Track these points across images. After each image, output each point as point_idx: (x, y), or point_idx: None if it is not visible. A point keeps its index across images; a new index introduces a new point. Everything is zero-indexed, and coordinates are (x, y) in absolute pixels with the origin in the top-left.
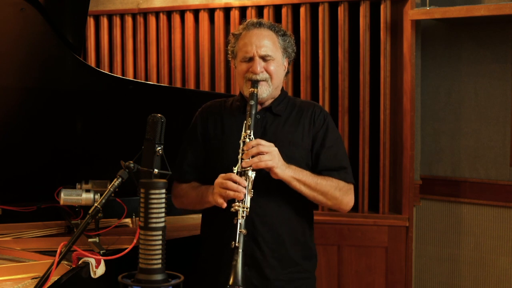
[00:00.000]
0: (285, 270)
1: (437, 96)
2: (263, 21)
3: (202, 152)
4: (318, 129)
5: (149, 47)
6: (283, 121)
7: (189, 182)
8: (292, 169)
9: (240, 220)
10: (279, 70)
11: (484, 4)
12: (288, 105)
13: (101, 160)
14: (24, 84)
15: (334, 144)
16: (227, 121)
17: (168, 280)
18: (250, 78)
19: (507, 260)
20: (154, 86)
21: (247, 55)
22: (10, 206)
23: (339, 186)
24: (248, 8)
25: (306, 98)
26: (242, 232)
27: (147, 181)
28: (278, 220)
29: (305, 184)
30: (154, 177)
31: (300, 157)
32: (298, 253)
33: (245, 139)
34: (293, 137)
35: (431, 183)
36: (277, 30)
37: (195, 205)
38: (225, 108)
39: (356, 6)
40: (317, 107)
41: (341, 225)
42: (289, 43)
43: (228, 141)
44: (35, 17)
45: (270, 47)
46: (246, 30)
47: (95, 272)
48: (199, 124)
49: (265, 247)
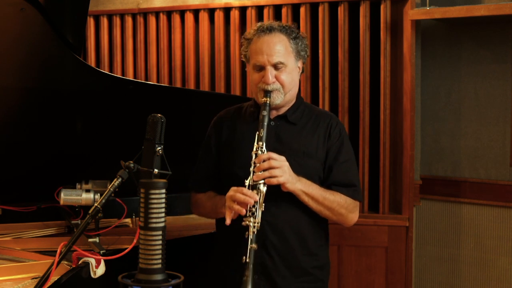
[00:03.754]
0: (297, 280)
1: (437, 96)
2: (274, 24)
3: (216, 162)
4: (333, 142)
5: (149, 47)
6: (298, 130)
7: (205, 192)
8: (302, 182)
9: (251, 235)
10: (292, 76)
11: (484, 4)
12: (304, 113)
13: (101, 160)
14: (24, 84)
15: (347, 160)
16: (240, 128)
17: (168, 280)
18: (263, 88)
19: (507, 260)
20: (154, 86)
21: (258, 64)
22: (10, 206)
23: (346, 203)
24: (248, 8)
25: (306, 98)
26: (253, 248)
27: (147, 181)
28: (289, 229)
29: (313, 198)
30: (154, 177)
31: (313, 168)
32: (310, 262)
33: (257, 151)
34: (308, 147)
35: (431, 183)
36: (288, 33)
37: (211, 215)
38: (239, 115)
39: (356, 6)
40: (333, 119)
41: (341, 225)
42: (302, 45)
43: (241, 148)
44: (35, 17)
45: (281, 54)
46: (257, 36)
47: (95, 272)
48: (213, 135)
49: (276, 255)
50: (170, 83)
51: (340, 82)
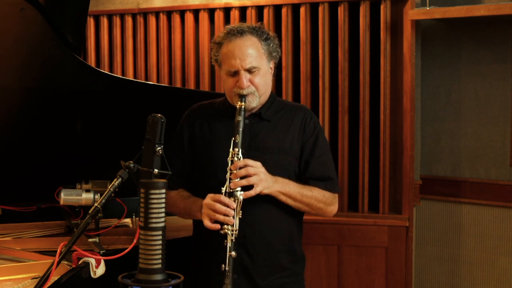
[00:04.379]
0: (275, 276)
1: (437, 96)
2: (244, 27)
3: (188, 159)
4: (308, 137)
5: (149, 47)
6: (272, 127)
7: (176, 190)
8: (279, 182)
9: (229, 243)
10: (265, 79)
11: (484, 4)
12: (278, 109)
13: (101, 160)
14: (24, 84)
15: (323, 154)
16: (215, 125)
17: (168, 280)
18: (237, 92)
19: (507, 260)
20: (154, 86)
21: (232, 69)
22: (10, 206)
23: (324, 197)
24: (248, 8)
25: (306, 98)
26: (232, 256)
27: (147, 181)
28: (267, 228)
29: (291, 197)
30: (154, 177)
31: (289, 164)
32: (287, 258)
33: (233, 157)
34: (282, 144)
35: (431, 183)
36: (259, 35)
37: (184, 216)
38: (213, 111)
39: (356, 6)
40: (308, 113)
41: (341, 225)
42: (273, 46)
43: (215, 145)
44: (35, 17)
45: (254, 57)
46: (228, 40)
47: (95, 272)
48: (185, 129)
49: (255, 255)
50: (170, 83)
51: (340, 82)
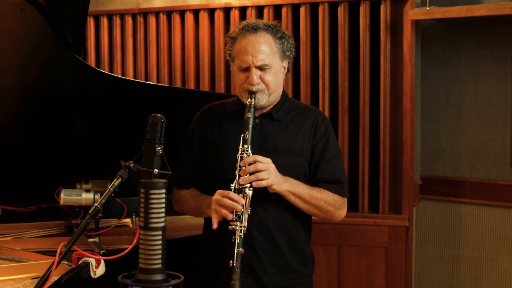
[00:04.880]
0: (283, 277)
1: (437, 96)
2: (259, 23)
3: (199, 159)
4: (319, 139)
5: (149, 47)
6: (283, 128)
7: (188, 189)
8: (289, 182)
9: (238, 240)
10: (277, 77)
11: (484, 4)
12: (290, 110)
13: (101, 160)
14: (24, 84)
15: (334, 157)
16: (225, 125)
17: (168, 280)
18: (247, 88)
19: (507, 260)
20: (154, 86)
21: (243, 65)
22: (10, 206)
23: (334, 200)
24: (248, 8)
25: (306, 98)
26: (240, 252)
27: (147, 181)
28: (275, 228)
29: (300, 197)
30: (154, 177)
31: (299, 166)
32: (296, 259)
33: (243, 154)
34: (293, 145)
35: (431, 183)
36: (274, 33)
37: (194, 213)
38: (224, 111)
39: (356, 6)
40: (319, 115)
41: (341, 225)
42: (287, 45)
43: (226, 145)
44: (35, 17)
45: (266, 54)
46: (242, 36)
47: (95, 272)
48: (196, 130)
49: (262, 254)
50: (170, 83)
51: (340, 82)
